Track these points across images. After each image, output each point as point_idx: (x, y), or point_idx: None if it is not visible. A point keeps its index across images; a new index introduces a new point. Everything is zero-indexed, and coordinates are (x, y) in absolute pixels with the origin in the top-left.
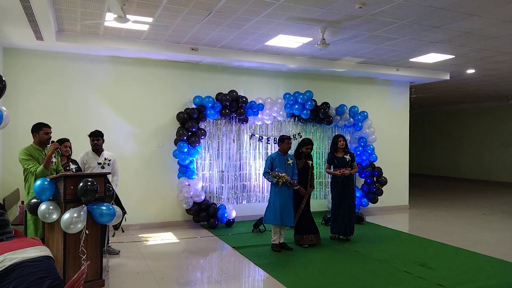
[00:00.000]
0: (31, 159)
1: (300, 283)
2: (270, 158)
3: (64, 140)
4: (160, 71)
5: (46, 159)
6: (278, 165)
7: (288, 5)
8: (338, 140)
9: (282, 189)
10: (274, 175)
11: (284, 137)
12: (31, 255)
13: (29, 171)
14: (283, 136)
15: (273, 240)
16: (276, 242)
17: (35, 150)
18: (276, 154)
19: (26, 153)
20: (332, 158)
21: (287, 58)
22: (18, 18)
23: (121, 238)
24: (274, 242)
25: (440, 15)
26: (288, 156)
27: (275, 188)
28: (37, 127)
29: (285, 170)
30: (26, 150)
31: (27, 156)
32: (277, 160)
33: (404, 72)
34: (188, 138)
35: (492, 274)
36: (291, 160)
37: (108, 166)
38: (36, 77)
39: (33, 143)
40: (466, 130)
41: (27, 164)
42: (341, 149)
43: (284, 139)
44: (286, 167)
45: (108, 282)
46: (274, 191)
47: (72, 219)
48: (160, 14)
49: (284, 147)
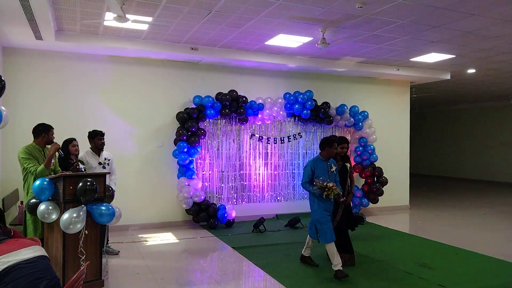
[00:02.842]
0: (31, 158)
1: (300, 283)
2: (311, 165)
3: (72, 140)
4: (160, 71)
5: (48, 158)
6: (320, 173)
7: (288, 5)
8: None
9: (326, 201)
10: (321, 185)
11: (332, 139)
12: (25, 256)
13: (29, 171)
14: (331, 138)
15: (335, 265)
16: (339, 267)
17: (35, 150)
18: (317, 160)
19: (27, 152)
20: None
21: (287, 58)
22: (17, 17)
23: (121, 238)
24: (338, 267)
25: (441, 14)
26: (330, 162)
27: (319, 201)
28: (47, 128)
29: (329, 179)
30: (27, 149)
31: (27, 155)
32: (319, 167)
33: (405, 72)
34: (188, 138)
35: (492, 274)
36: (334, 167)
37: (108, 165)
38: (35, 76)
39: (34, 142)
40: (467, 130)
41: (27, 163)
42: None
43: (332, 142)
44: (329, 175)
45: (108, 283)
46: (318, 205)
47: (71, 219)
48: (160, 14)
49: (331, 153)
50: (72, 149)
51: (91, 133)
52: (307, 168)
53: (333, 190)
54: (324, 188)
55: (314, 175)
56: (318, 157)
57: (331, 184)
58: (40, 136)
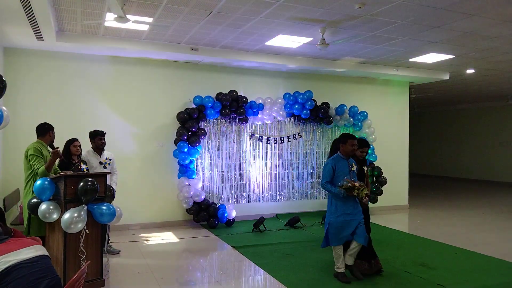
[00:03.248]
0: (39, 156)
1: (300, 283)
2: (331, 163)
3: (74, 140)
4: (160, 71)
5: (49, 163)
6: (341, 172)
7: (288, 5)
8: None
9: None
10: (349, 186)
11: (346, 136)
12: (26, 256)
13: (32, 167)
14: (345, 134)
15: (337, 267)
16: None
17: (44, 147)
18: (338, 158)
19: (37, 149)
20: None
21: (287, 58)
22: (18, 18)
23: (122, 237)
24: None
25: (440, 15)
26: (351, 160)
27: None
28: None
29: (350, 178)
30: (37, 146)
31: (37, 152)
32: (340, 166)
33: (404, 72)
34: (188, 138)
35: (492, 274)
36: (355, 165)
37: (108, 165)
38: (36, 77)
39: (42, 140)
40: (466, 130)
41: (33, 160)
42: None
43: (347, 139)
44: (350, 174)
45: (108, 282)
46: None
47: (72, 218)
48: (160, 14)
49: (348, 150)
50: (74, 150)
51: (91, 133)
52: (328, 167)
53: (363, 190)
54: (352, 188)
55: (335, 174)
56: (338, 155)
57: (359, 183)
58: (47, 134)
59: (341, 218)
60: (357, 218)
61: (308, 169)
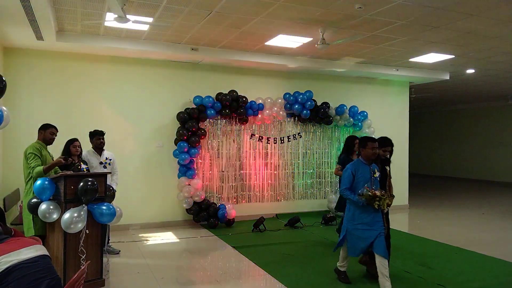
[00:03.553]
0: (37, 156)
1: (300, 283)
2: (351, 169)
3: (73, 140)
4: (160, 71)
5: (49, 166)
6: (362, 179)
7: (288, 5)
8: (355, 142)
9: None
10: (370, 195)
11: (366, 139)
12: (26, 256)
13: (28, 166)
14: (365, 138)
15: (341, 266)
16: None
17: (43, 147)
18: (358, 163)
19: (37, 148)
20: (346, 160)
21: (287, 58)
22: (18, 18)
23: (122, 237)
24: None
25: (440, 15)
26: (373, 166)
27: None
28: (45, 126)
29: (371, 186)
30: (36, 146)
31: (37, 151)
32: (360, 172)
33: (404, 72)
34: (188, 138)
35: (492, 274)
36: (377, 172)
37: (109, 165)
38: (36, 77)
39: (39, 139)
40: (466, 130)
41: (31, 158)
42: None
43: (366, 142)
44: (372, 181)
45: (109, 282)
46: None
47: (72, 218)
48: (161, 14)
49: (368, 154)
50: (73, 150)
51: (91, 133)
52: (347, 172)
53: (385, 199)
54: (373, 198)
55: (354, 180)
56: (359, 160)
57: (381, 192)
58: (39, 133)
59: (359, 228)
60: (377, 229)
61: (308, 169)
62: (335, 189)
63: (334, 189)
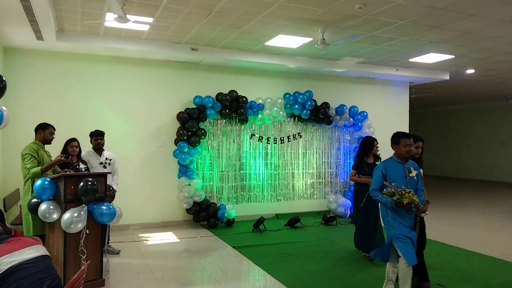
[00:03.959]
0: (34, 157)
1: (300, 283)
2: (382, 168)
3: (71, 140)
4: (160, 71)
5: (47, 166)
6: (395, 179)
7: (288, 5)
8: (374, 144)
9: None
10: (391, 192)
11: (399, 135)
12: (28, 256)
13: (24, 166)
14: (398, 133)
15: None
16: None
17: (41, 147)
18: (391, 161)
19: (34, 149)
20: (361, 164)
21: (287, 58)
22: (18, 18)
23: (122, 237)
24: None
25: (440, 15)
26: (409, 165)
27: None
28: (44, 126)
29: (406, 186)
30: (33, 147)
31: (33, 151)
32: (392, 171)
33: (404, 72)
34: (188, 138)
35: (492, 274)
36: (414, 171)
37: (109, 165)
38: (36, 76)
39: (36, 140)
40: (466, 130)
41: (27, 159)
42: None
43: (399, 138)
44: (407, 181)
45: (108, 282)
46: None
47: (72, 218)
48: (161, 14)
49: (402, 151)
50: (70, 150)
51: (90, 133)
52: (378, 172)
53: (409, 198)
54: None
55: (386, 180)
56: (391, 158)
57: (406, 190)
58: (37, 133)
59: (405, 228)
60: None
61: (308, 169)
62: (335, 189)
63: (334, 189)
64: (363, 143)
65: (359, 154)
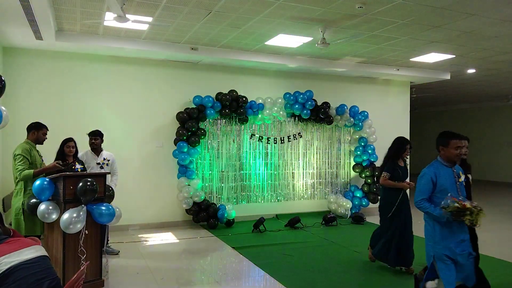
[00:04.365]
0: (26, 159)
1: (300, 283)
2: (431, 173)
3: (68, 140)
4: (160, 71)
5: (40, 170)
6: (445, 186)
7: (288, 5)
8: (406, 147)
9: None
10: (456, 208)
11: (447, 135)
12: (27, 256)
13: (15, 167)
14: (446, 133)
15: None
16: None
17: (33, 147)
18: (439, 165)
19: (27, 150)
20: (394, 167)
21: (287, 58)
22: (18, 17)
23: (121, 238)
24: None
25: (440, 14)
26: (457, 169)
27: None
28: (38, 126)
29: (457, 193)
30: (26, 148)
31: (26, 152)
32: (442, 176)
33: (405, 72)
34: (188, 138)
35: (492, 274)
36: (462, 175)
37: (107, 166)
38: (35, 76)
39: (28, 139)
40: (466, 130)
41: (18, 160)
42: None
43: (449, 139)
44: (457, 188)
45: (108, 283)
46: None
47: (71, 219)
48: (160, 14)
49: (451, 154)
50: (66, 150)
51: (87, 133)
52: (426, 178)
53: (477, 214)
54: (462, 211)
55: (436, 188)
56: (438, 162)
57: (472, 204)
58: (30, 133)
59: (456, 251)
60: (465, 250)
61: (308, 169)
62: (335, 190)
63: (334, 189)
64: (396, 144)
65: (390, 156)
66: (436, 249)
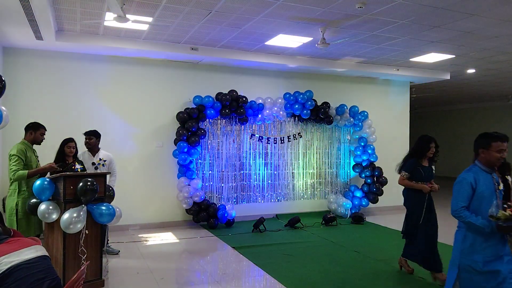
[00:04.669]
0: (21, 159)
1: (300, 283)
2: (471, 179)
3: (68, 141)
4: (160, 71)
5: (35, 171)
6: (485, 194)
7: (288, 5)
8: (431, 146)
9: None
10: (508, 217)
11: (489, 137)
12: (27, 256)
13: (10, 168)
14: (486, 135)
15: None
16: None
17: (29, 148)
18: (478, 171)
19: (22, 150)
20: (415, 166)
21: (287, 58)
22: (18, 17)
23: (121, 238)
24: None
25: (440, 14)
26: (495, 176)
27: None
28: (36, 126)
29: (497, 203)
30: (22, 148)
31: (21, 153)
32: (482, 182)
33: (405, 72)
34: (188, 138)
35: None
36: (501, 183)
37: (103, 166)
38: (35, 76)
39: (25, 139)
40: (466, 130)
41: (13, 160)
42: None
43: (491, 141)
44: (497, 196)
45: (108, 282)
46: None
47: (71, 219)
48: (160, 14)
49: (492, 158)
50: (67, 150)
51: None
52: (465, 184)
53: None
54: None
55: (474, 195)
56: (477, 167)
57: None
58: (27, 133)
59: (485, 267)
60: (506, 265)
61: (308, 169)
62: (335, 190)
63: (334, 189)
64: (419, 142)
65: (412, 153)
66: (463, 260)
